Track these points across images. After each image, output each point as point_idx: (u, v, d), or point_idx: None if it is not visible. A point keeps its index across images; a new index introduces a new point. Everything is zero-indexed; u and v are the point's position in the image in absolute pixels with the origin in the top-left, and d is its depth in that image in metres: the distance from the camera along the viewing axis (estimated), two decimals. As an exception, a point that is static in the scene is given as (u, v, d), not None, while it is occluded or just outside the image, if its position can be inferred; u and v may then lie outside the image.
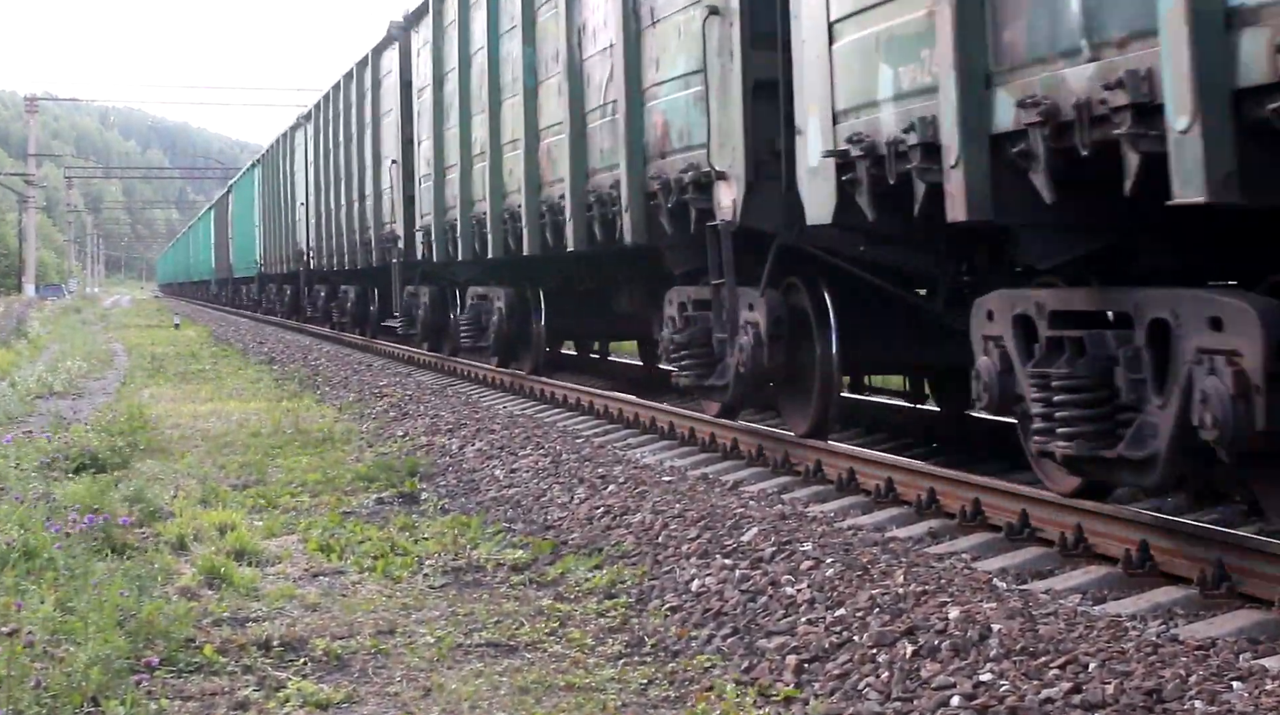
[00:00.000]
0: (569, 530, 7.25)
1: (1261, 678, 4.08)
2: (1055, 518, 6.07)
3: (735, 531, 6.49)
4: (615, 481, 8.13)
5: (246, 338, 28.89)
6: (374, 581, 6.34)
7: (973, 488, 6.70)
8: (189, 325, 37.13)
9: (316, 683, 4.80)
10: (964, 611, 4.78)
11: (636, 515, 7.19)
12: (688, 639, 5.22)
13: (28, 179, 67.29)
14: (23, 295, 58.52)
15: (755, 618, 5.28)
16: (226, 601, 5.84)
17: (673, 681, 4.77)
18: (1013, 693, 4.09)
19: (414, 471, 9.36)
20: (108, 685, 4.51)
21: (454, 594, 6.11)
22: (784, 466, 8.42)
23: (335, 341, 25.31)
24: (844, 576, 5.45)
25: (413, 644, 5.27)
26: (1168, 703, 3.93)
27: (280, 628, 5.41)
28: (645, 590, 5.94)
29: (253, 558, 6.71)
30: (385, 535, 7.18)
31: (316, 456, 10.23)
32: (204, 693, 4.69)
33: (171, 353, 23.83)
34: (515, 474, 8.99)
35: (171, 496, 8.21)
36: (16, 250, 72.84)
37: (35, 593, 5.49)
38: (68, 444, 9.70)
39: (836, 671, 4.58)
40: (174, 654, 5.01)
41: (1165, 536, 5.47)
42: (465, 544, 7.00)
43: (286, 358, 21.74)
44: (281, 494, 8.58)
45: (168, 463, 9.90)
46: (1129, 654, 4.33)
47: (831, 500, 7.55)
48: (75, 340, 27.03)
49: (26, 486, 7.77)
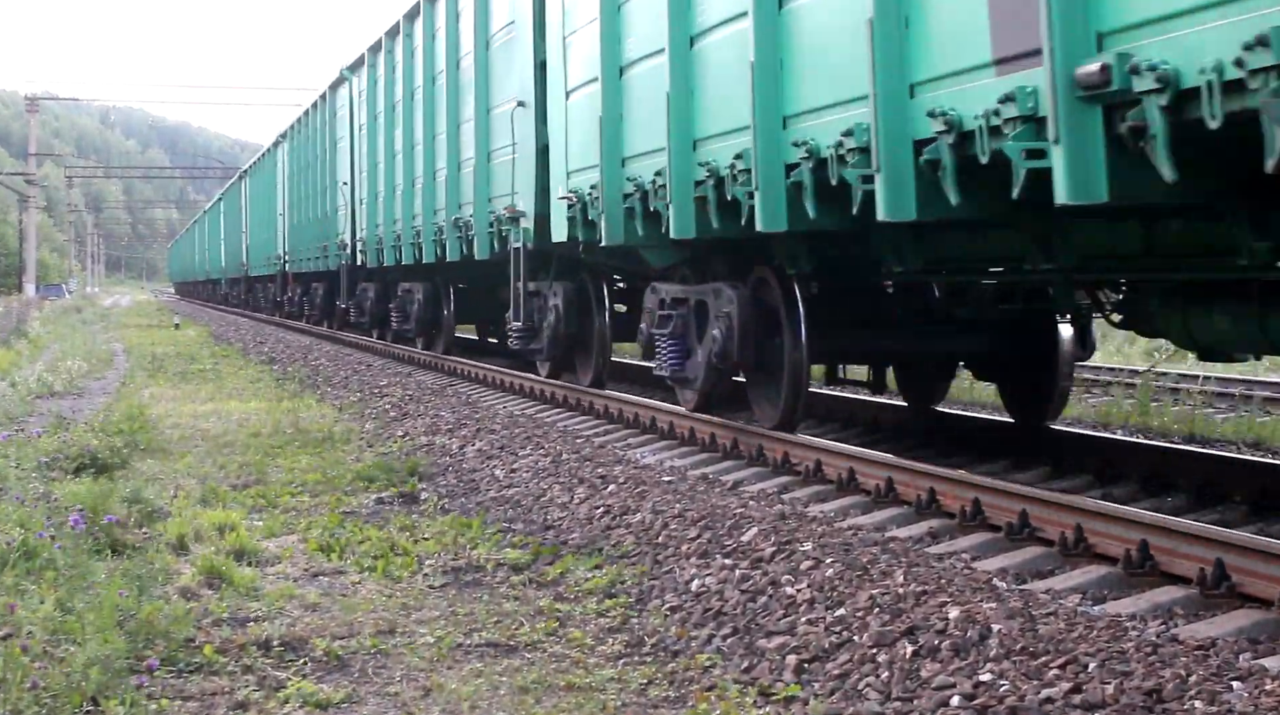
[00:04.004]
0: (569, 530, 7.25)
1: (1261, 678, 4.08)
2: (1055, 518, 6.07)
3: (735, 531, 6.49)
4: (615, 481, 8.13)
5: (246, 337, 28.89)
6: (374, 581, 6.34)
7: (973, 488, 6.70)
8: (189, 325, 37.14)
9: (316, 683, 4.80)
10: (964, 611, 4.78)
11: (636, 515, 7.19)
12: (688, 639, 5.22)
13: (28, 178, 67.28)
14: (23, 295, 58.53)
15: (755, 617, 5.28)
16: (226, 601, 5.84)
17: (673, 681, 4.77)
18: (1013, 693, 4.09)
19: (414, 471, 9.36)
20: (107, 685, 4.50)
21: (454, 594, 6.11)
22: (784, 466, 8.43)
23: (335, 341, 25.33)
24: (844, 576, 5.45)
25: (413, 644, 5.27)
26: (1168, 703, 3.93)
27: (280, 628, 5.41)
28: (645, 590, 5.94)
29: (252, 558, 6.71)
30: (385, 535, 7.18)
31: (316, 456, 10.24)
32: (204, 693, 4.69)
33: (171, 353, 23.83)
34: (515, 474, 8.99)
35: (171, 496, 8.21)
36: (17, 250, 72.85)
37: (35, 593, 5.49)
38: (68, 444, 9.69)
39: (836, 671, 4.58)
40: (174, 654, 5.01)
41: (1165, 536, 5.47)
42: (465, 544, 7.00)
43: (286, 358, 21.74)
44: (281, 494, 8.58)
45: (167, 463, 9.90)
46: (1129, 654, 4.33)
47: (831, 500, 7.55)
48: (75, 340, 27.01)
49: (26, 487, 7.76)
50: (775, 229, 7.32)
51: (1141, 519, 5.69)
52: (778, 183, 7.24)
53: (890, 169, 6.10)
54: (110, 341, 28.37)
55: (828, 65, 6.87)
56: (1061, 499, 6.21)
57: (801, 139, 6.98)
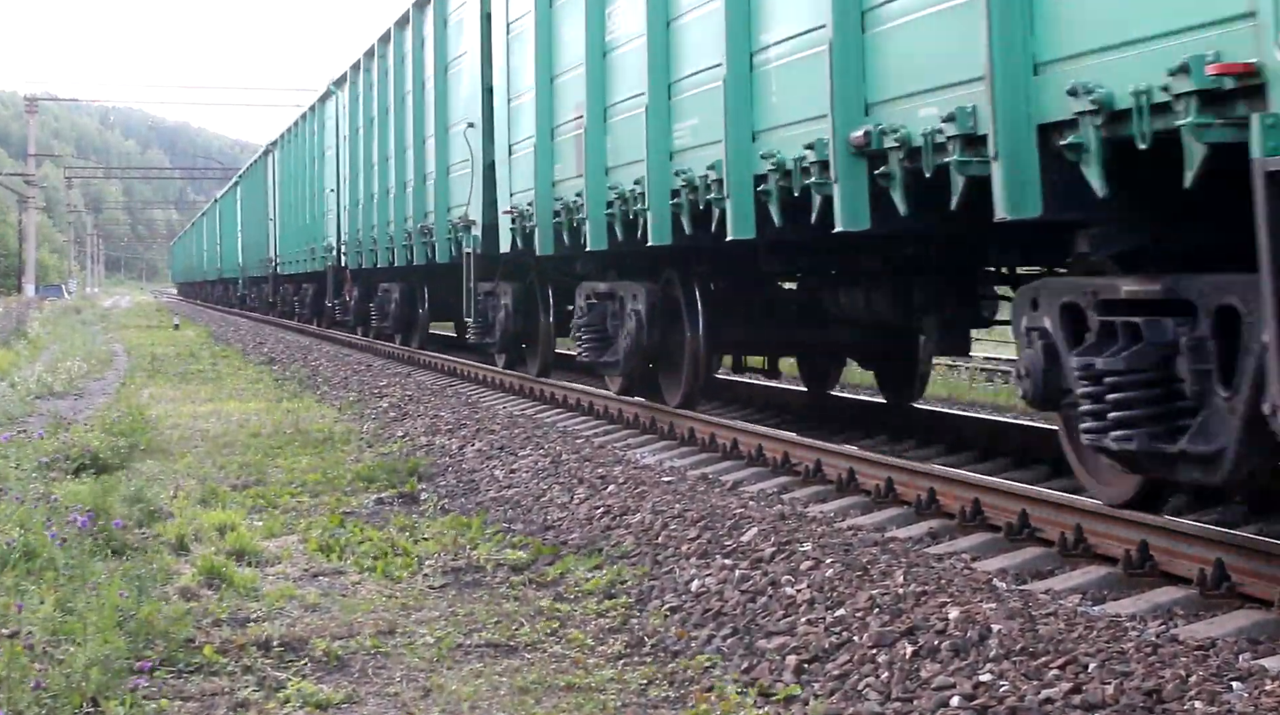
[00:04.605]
0: (569, 530, 7.25)
1: (1261, 678, 4.08)
2: (1055, 518, 6.07)
3: (735, 531, 6.49)
4: (615, 482, 8.14)
5: (246, 338, 28.89)
6: (374, 582, 6.34)
7: (973, 488, 6.70)
8: (188, 325, 37.13)
9: (316, 683, 4.80)
10: (964, 612, 4.78)
11: (636, 515, 7.19)
12: (687, 639, 5.22)
13: (28, 179, 67.28)
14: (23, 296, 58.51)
15: (755, 618, 5.28)
16: (226, 602, 5.84)
17: (672, 682, 4.77)
18: (1012, 693, 4.09)
19: (414, 472, 9.36)
20: (107, 686, 4.50)
21: (454, 594, 6.11)
22: (783, 466, 8.43)
23: (335, 342, 25.33)
24: (844, 577, 5.45)
25: (412, 644, 5.27)
26: (1167, 703, 3.93)
27: (280, 628, 5.41)
28: (645, 590, 5.94)
29: (252, 558, 6.71)
30: (385, 535, 7.18)
31: (316, 457, 10.23)
32: (204, 693, 4.69)
33: (171, 353, 23.84)
34: (515, 474, 8.99)
35: (171, 497, 8.21)
36: (16, 251, 72.81)
37: (35, 593, 5.49)
38: (68, 444, 9.69)
39: (836, 672, 4.58)
40: (174, 654, 5.01)
41: (1165, 536, 5.47)
42: (465, 544, 7.00)
43: (286, 358, 21.74)
44: (281, 494, 8.58)
45: (167, 463, 9.90)
46: (1129, 654, 4.33)
47: (831, 500, 7.55)
48: (75, 340, 27.01)
49: (26, 487, 7.76)
50: (661, 242, 8.90)
51: (1141, 519, 5.69)
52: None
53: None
54: (110, 342, 28.37)
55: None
56: (1061, 499, 6.21)
57: (682, 168, 8.60)
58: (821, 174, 6.76)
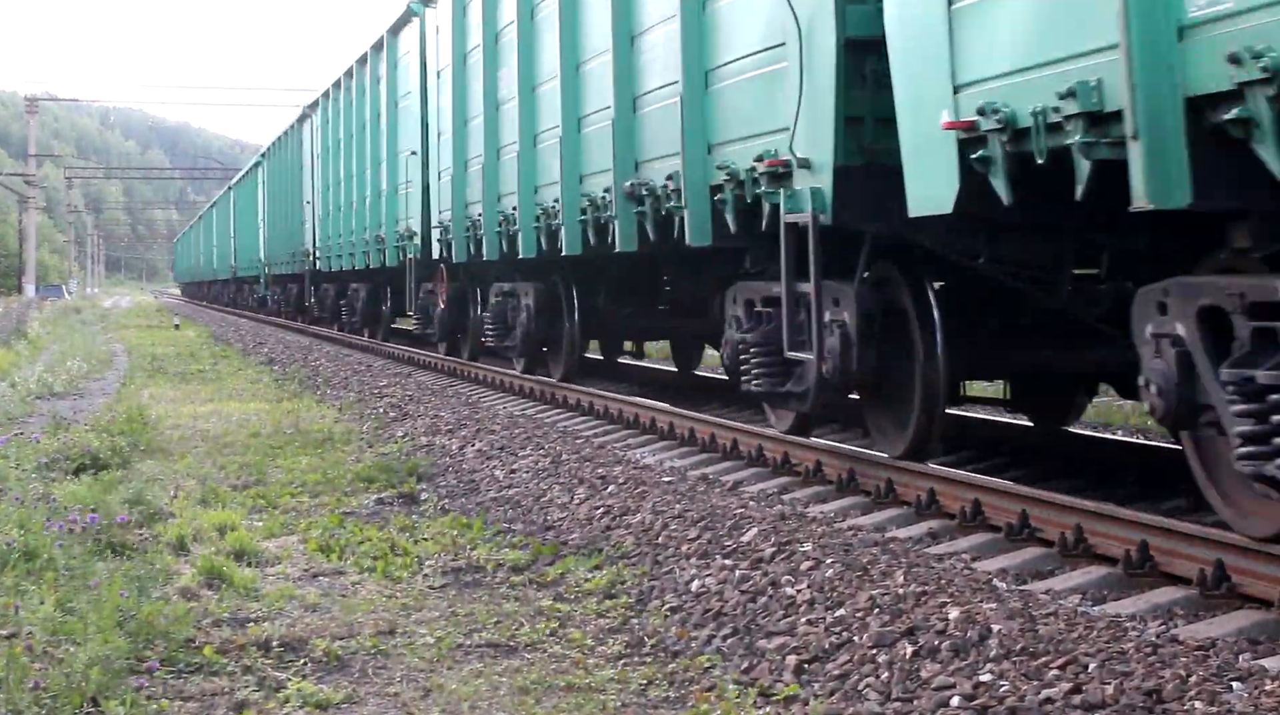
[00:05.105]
0: (569, 530, 7.25)
1: (1261, 678, 4.08)
2: (1055, 518, 6.07)
3: (735, 532, 6.49)
4: (615, 482, 8.13)
5: (246, 338, 28.89)
6: (374, 582, 6.34)
7: (973, 488, 6.69)
8: (189, 325, 37.12)
9: (316, 683, 4.80)
10: (964, 612, 4.78)
11: (636, 516, 7.19)
12: (688, 639, 5.22)
13: (28, 179, 67.27)
14: (23, 296, 58.51)
15: (755, 618, 5.28)
16: (226, 602, 5.84)
17: (673, 682, 4.77)
18: (1013, 693, 4.09)
19: (414, 472, 9.36)
20: (107, 686, 4.51)
21: (454, 594, 6.11)
22: (784, 467, 8.43)
23: (335, 342, 25.35)
24: (844, 577, 5.45)
25: (413, 644, 5.27)
26: (1167, 703, 3.93)
27: (280, 628, 5.41)
28: (645, 591, 5.94)
29: (252, 558, 6.70)
30: (385, 536, 7.18)
31: (316, 457, 10.23)
32: (204, 693, 4.69)
33: (171, 353, 23.84)
34: (515, 474, 8.99)
35: (171, 497, 8.21)
36: (17, 251, 72.81)
37: (35, 593, 5.49)
38: (68, 444, 9.69)
39: (836, 672, 4.58)
40: (174, 654, 5.01)
41: (1165, 536, 5.47)
42: (465, 544, 7.00)
43: (286, 358, 21.75)
44: (281, 494, 8.58)
45: (168, 463, 9.89)
46: (1129, 654, 4.33)
47: (831, 500, 7.55)
48: (75, 340, 27.02)
49: (26, 487, 7.76)
50: (573, 252, 11.34)
51: (1141, 519, 5.69)
52: (574, 220, 11.04)
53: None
54: (110, 342, 28.37)
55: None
56: (1061, 499, 6.21)
57: (587, 191, 11.01)
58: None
